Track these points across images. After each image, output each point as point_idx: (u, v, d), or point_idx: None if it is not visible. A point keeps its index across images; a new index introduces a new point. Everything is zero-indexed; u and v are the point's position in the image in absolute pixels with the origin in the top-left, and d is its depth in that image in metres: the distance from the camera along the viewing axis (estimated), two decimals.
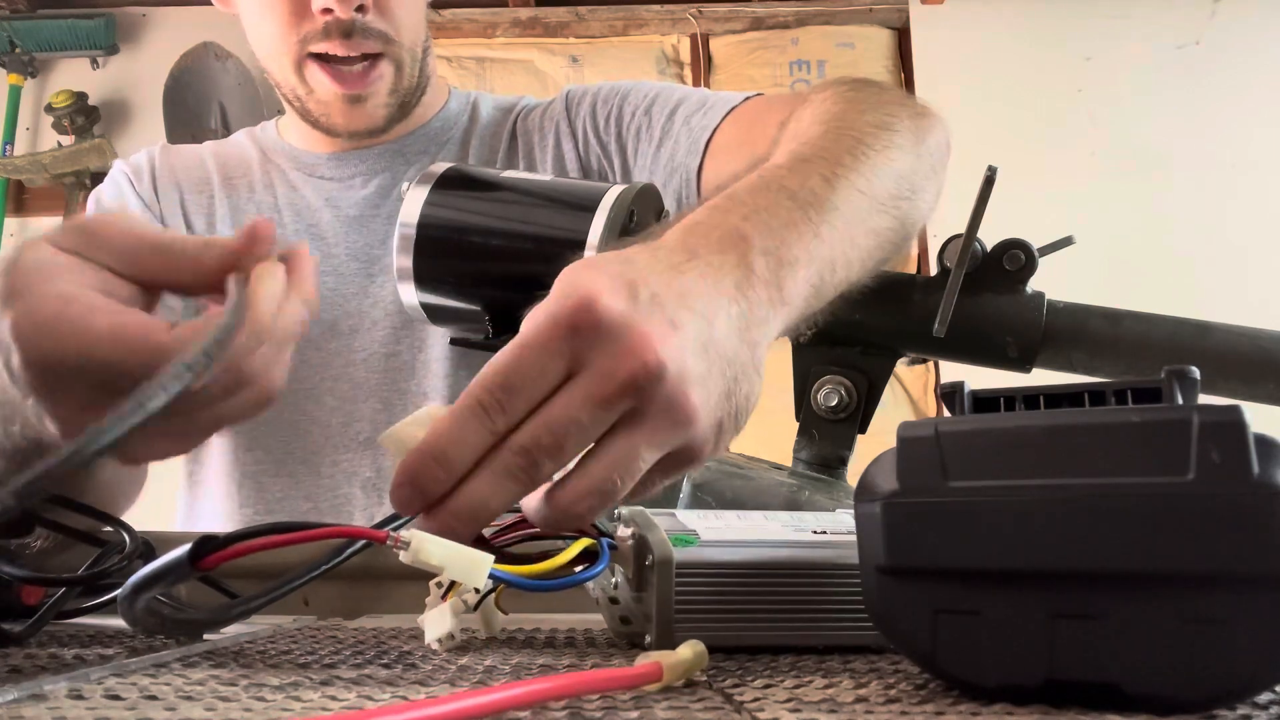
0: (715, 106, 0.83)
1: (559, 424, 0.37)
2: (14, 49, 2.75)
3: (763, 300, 0.43)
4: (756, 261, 0.43)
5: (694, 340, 0.39)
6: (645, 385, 0.37)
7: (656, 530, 0.41)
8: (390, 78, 0.87)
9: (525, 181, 0.64)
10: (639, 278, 0.39)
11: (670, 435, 0.38)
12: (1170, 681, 0.26)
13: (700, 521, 0.42)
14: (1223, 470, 0.25)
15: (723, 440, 0.41)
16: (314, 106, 0.88)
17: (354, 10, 0.82)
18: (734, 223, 0.44)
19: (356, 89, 0.86)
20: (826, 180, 0.50)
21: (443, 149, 0.96)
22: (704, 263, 0.42)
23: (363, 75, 0.86)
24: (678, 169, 0.82)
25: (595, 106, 0.92)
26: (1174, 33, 2.78)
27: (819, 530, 0.43)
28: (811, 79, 2.91)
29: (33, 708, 0.26)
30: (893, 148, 0.56)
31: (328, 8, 0.81)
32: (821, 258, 0.47)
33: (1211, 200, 2.66)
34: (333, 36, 0.82)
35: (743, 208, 0.46)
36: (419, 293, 0.61)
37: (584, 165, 0.91)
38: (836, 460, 0.60)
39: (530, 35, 2.91)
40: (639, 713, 0.27)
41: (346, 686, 0.31)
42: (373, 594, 0.61)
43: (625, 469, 0.37)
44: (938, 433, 0.30)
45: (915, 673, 0.34)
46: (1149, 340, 0.58)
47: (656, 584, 0.39)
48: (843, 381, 0.60)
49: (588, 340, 0.37)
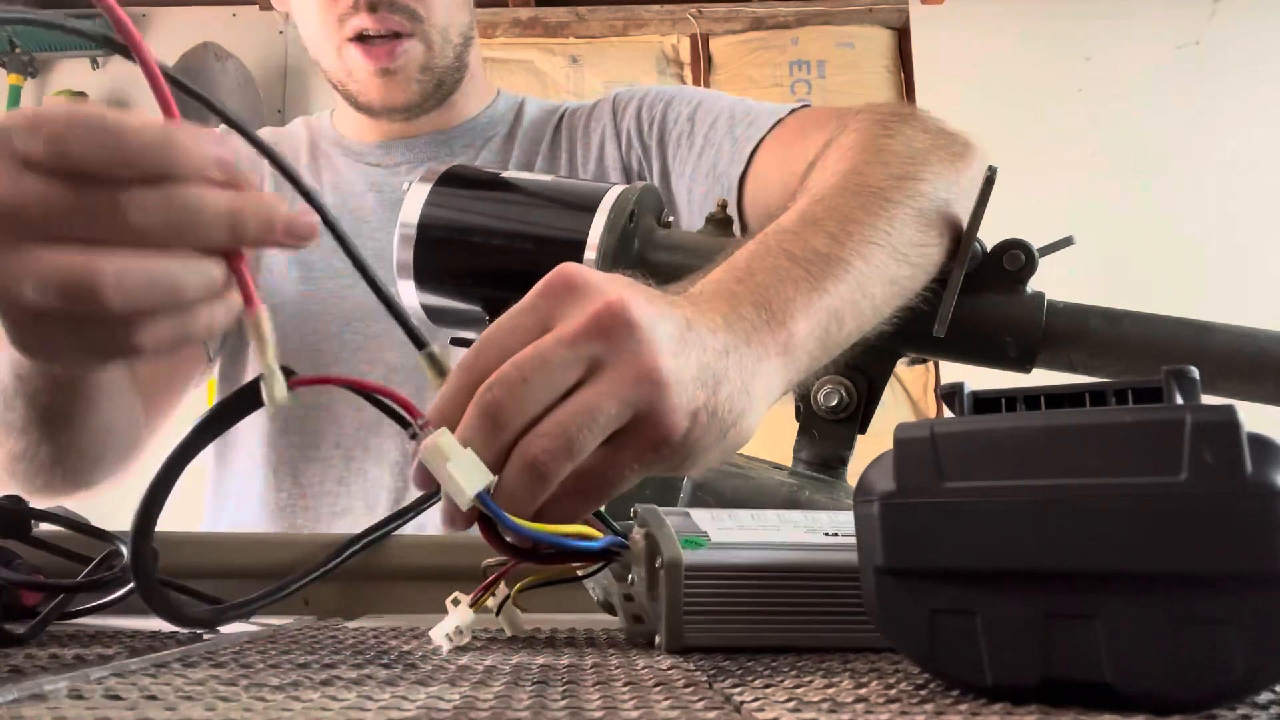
0: (760, 118, 0.85)
1: (525, 358, 0.38)
2: (14, 49, 2.75)
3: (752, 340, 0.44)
4: (745, 310, 0.45)
5: (669, 318, 0.40)
6: (610, 329, 0.38)
7: (667, 531, 0.41)
8: (420, 55, 0.93)
9: (526, 181, 0.64)
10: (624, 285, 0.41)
11: (634, 390, 0.38)
12: (1164, 681, 0.26)
13: (712, 522, 0.43)
14: (1216, 470, 0.25)
15: (697, 436, 0.40)
16: (354, 87, 0.94)
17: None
18: (727, 285, 0.46)
19: (384, 62, 0.91)
20: (833, 237, 0.51)
21: (487, 144, 1.00)
22: (691, 305, 0.44)
23: (390, 50, 0.91)
24: (720, 177, 0.85)
25: (640, 111, 0.95)
26: (1174, 33, 2.77)
27: (830, 532, 0.43)
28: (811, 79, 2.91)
29: (33, 708, 0.26)
30: (916, 196, 0.57)
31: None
32: (825, 309, 0.48)
33: (1211, 200, 2.66)
34: (361, 9, 0.89)
35: (737, 271, 0.48)
36: (419, 292, 0.61)
37: (625, 167, 0.95)
38: (836, 460, 0.60)
39: (530, 35, 2.91)
40: (639, 713, 0.27)
41: (346, 686, 0.31)
42: (373, 594, 0.61)
43: (584, 418, 0.38)
44: (934, 434, 0.30)
45: (915, 673, 0.35)
46: (1149, 340, 0.58)
47: (666, 586, 0.40)
48: (843, 381, 0.60)
49: (563, 298, 0.39)
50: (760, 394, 0.43)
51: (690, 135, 0.90)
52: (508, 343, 0.39)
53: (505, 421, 0.37)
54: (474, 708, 0.28)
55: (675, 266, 0.59)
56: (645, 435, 0.39)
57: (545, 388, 0.38)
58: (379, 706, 0.28)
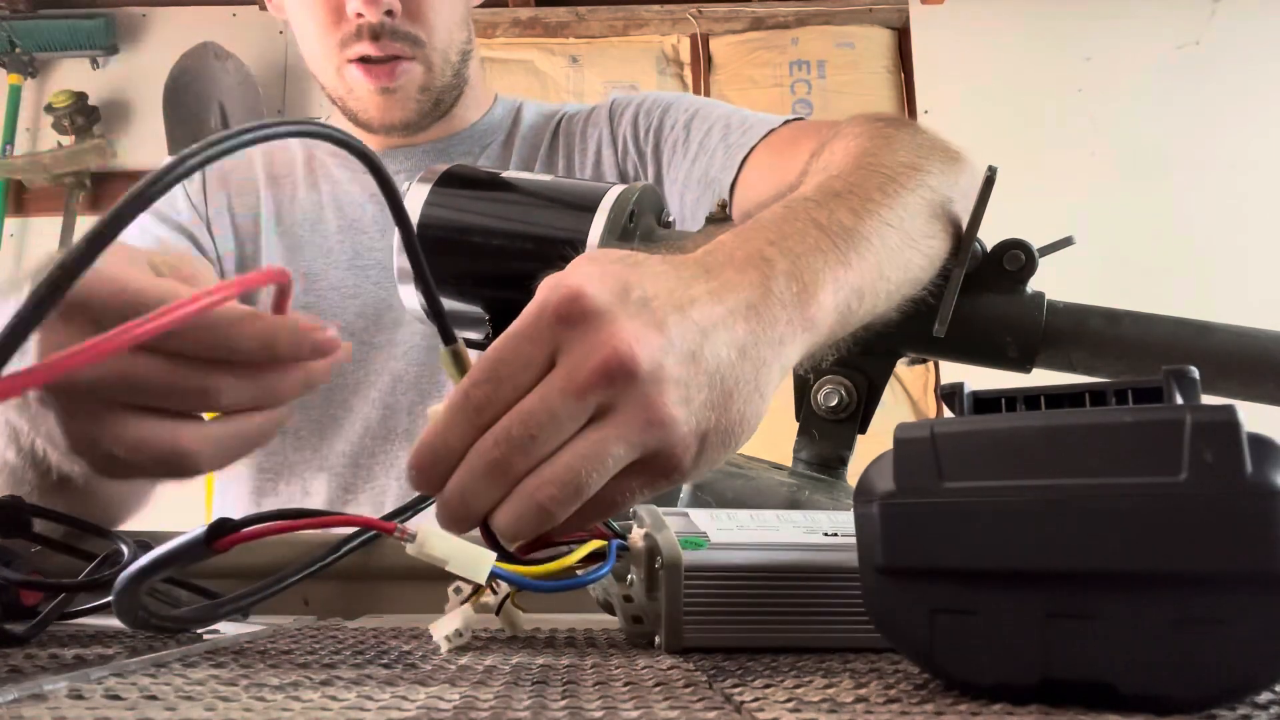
0: (754, 127, 0.86)
1: (531, 413, 0.37)
2: (14, 49, 2.75)
3: (779, 320, 0.42)
4: (777, 283, 0.43)
5: (679, 345, 0.38)
6: (618, 377, 0.37)
7: (667, 532, 0.41)
8: (420, 76, 0.94)
9: (526, 181, 0.64)
10: (635, 279, 0.39)
11: (642, 435, 0.37)
12: (1164, 681, 0.26)
13: (711, 523, 0.42)
14: (1215, 470, 0.25)
15: (707, 455, 0.40)
16: (354, 104, 0.95)
17: (383, 14, 0.89)
18: (758, 246, 0.44)
19: (385, 82, 0.92)
20: (855, 213, 0.50)
21: (485, 150, 1.01)
22: (719, 281, 0.42)
23: (391, 70, 0.92)
24: (711, 183, 0.86)
25: (637, 117, 0.97)
26: (1174, 33, 2.78)
27: (830, 532, 0.43)
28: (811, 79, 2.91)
29: (33, 708, 0.26)
30: (924, 187, 0.56)
31: (359, 12, 0.89)
32: (849, 285, 0.47)
33: (1211, 200, 2.66)
34: (364, 38, 0.90)
35: (768, 232, 0.46)
36: (419, 293, 0.61)
37: (621, 172, 0.96)
38: (836, 460, 0.60)
39: (530, 35, 2.91)
40: (639, 713, 0.27)
41: (346, 686, 0.31)
42: (373, 594, 0.61)
43: (593, 462, 0.37)
44: (933, 434, 0.30)
45: (915, 673, 0.35)
46: (1149, 340, 0.58)
47: (665, 587, 0.40)
48: (843, 381, 0.60)
49: (569, 329, 0.38)
50: (774, 380, 0.42)
51: (685, 142, 0.91)
52: (517, 381, 0.38)
53: (512, 475, 0.37)
54: (474, 708, 0.28)
55: None
56: (654, 469, 0.39)
57: (552, 441, 0.37)
58: (379, 706, 0.28)
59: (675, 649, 0.40)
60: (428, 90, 0.94)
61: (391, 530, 0.36)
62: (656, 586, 0.41)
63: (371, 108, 0.94)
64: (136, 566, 0.37)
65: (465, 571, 0.36)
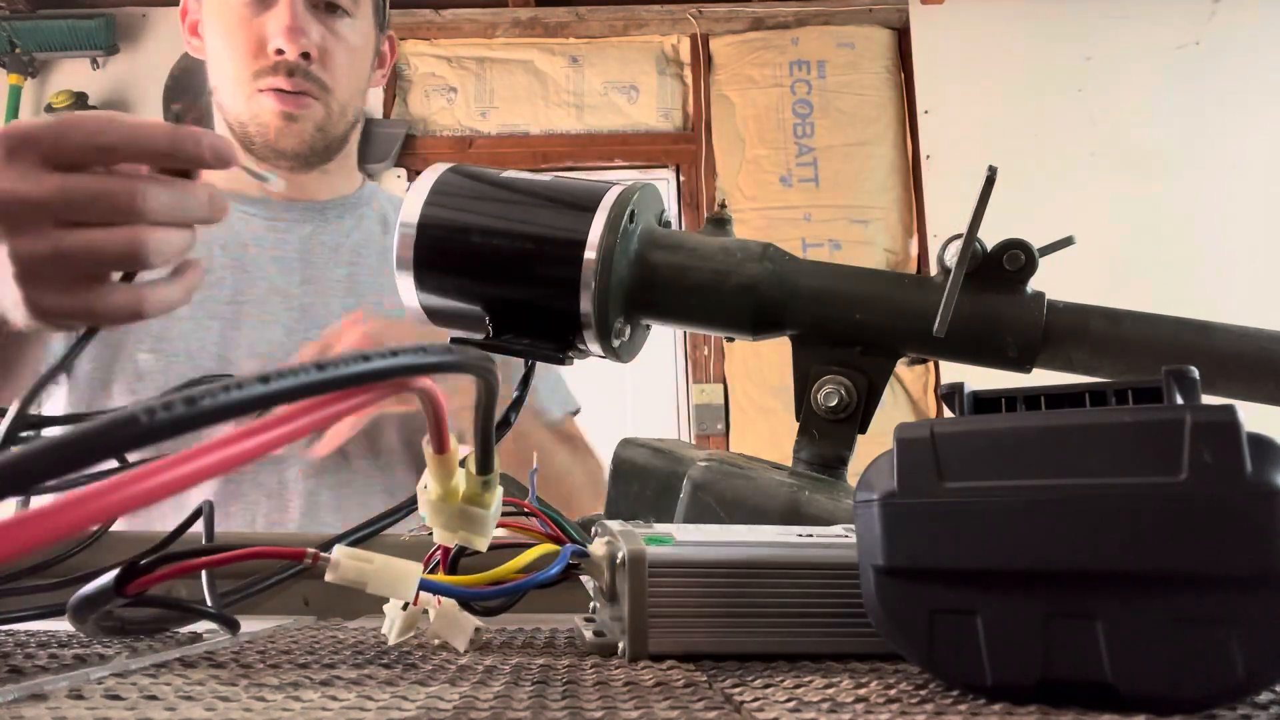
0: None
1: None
2: (14, 49, 2.75)
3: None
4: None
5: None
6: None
7: (628, 531, 0.39)
8: (320, 115, 1.05)
9: (526, 181, 0.64)
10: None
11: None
12: (1164, 682, 0.26)
13: (678, 529, 0.40)
14: (1215, 470, 0.25)
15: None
16: (254, 128, 1.05)
17: (300, 56, 1.01)
18: None
19: (290, 108, 1.04)
20: None
21: (359, 223, 1.14)
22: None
23: (298, 100, 1.04)
24: None
25: None
26: (1174, 33, 2.78)
27: (804, 535, 0.41)
28: (811, 79, 2.91)
29: (33, 708, 0.26)
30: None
31: (280, 49, 1.01)
32: None
33: (1211, 200, 2.66)
34: (279, 73, 1.02)
35: None
36: (419, 293, 0.61)
37: None
38: (836, 460, 0.60)
39: (530, 35, 2.91)
40: (639, 713, 0.27)
41: (346, 686, 0.31)
42: (372, 594, 0.61)
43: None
44: (934, 434, 0.30)
45: (915, 673, 0.35)
46: (1149, 340, 0.58)
47: (628, 585, 0.36)
48: (843, 381, 0.60)
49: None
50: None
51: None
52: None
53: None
54: (474, 708, 0.28)
55: (675, 266, 0.59)
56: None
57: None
58: (379, 706, 0.28)
59: (640, 656, 0.37)
60: (323, 130, 1.05)
61: (301, 557, 0.35)
62: (618, 592, 0.37)
63: (271, 131, 1.03)
64: (70, 606, 0.37)
65: (388, 591, 0.35)
